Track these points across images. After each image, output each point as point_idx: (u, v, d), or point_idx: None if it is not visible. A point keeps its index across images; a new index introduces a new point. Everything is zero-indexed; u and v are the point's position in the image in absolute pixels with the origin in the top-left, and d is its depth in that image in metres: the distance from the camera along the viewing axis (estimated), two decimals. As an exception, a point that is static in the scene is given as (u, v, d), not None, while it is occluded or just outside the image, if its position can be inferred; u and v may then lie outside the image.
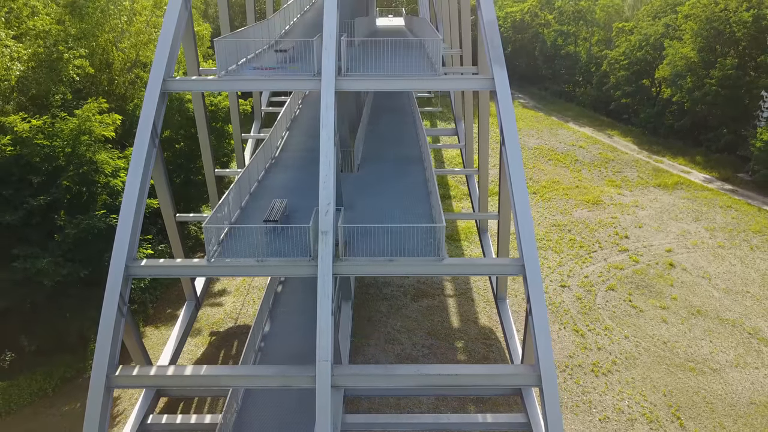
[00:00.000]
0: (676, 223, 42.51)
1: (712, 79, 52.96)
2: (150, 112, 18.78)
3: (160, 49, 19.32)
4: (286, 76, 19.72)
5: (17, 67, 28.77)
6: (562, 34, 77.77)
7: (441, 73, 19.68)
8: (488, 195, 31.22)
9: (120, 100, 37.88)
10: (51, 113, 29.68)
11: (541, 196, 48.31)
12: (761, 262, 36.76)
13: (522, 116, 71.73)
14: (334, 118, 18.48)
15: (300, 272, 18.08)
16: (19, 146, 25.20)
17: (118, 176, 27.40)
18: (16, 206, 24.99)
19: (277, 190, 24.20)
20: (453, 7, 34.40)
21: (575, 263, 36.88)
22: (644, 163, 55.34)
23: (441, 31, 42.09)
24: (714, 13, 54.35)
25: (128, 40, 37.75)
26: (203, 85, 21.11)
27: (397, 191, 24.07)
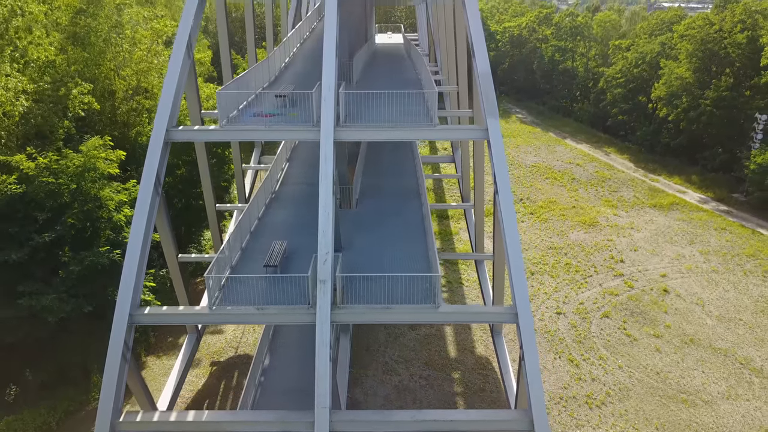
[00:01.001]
0: (671, 246, 43.05)
1: (707, 99, 53.58)
2: (154, 161, 19.32)
3: (164, 100, 19.89)
4: (286, 126, 20.24)
5: (22, 102, 29.34)
6: (560, 49, 78.43)
7: (436, 123, 20.25)
8: (484, 233, 31.68)
9: (123, 127, 38.44)
10: (56, 147, 30.30)
11: (538, 216, 48.86)
12: (754, 288, 37.28)
13: (520, 132, 72.40)
14: (333, 169, 19.05)
15: (298, 320, 18.62)
16: (24, 184, 25.76)
17: (122, 211, 27.95)
18: (22, 243, 25.52)
19: (277, 229, 24.73)
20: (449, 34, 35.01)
21: (571, 288, 37.39)
22: (640, 182, 55.91)
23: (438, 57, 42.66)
24: (709, 34, 54.99)
25: (130, 68, 38.29)
26: (205, 135, 21.67)
27: (395, 229, 24.58)
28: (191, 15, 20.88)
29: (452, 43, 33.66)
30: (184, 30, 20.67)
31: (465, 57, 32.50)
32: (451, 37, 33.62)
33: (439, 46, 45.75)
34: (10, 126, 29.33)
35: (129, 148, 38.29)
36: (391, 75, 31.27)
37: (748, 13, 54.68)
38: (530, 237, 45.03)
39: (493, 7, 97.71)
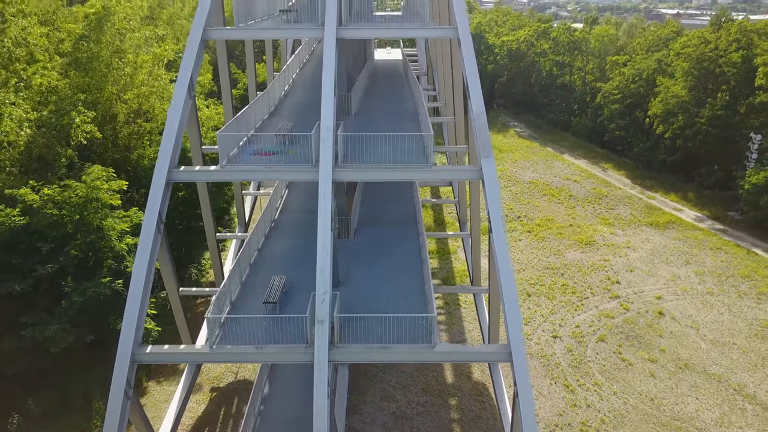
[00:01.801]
0: (667, 266, 43.47)
1: (703, 118, 54.11)
2: (156, 201, 19.79)
3: (165, 141, 20.41)
4: (285, 167, 20.70)
5: (26, 131, 29.82)
6: (558, 63, 79.05)
7: (433, 163, 20.73)
8: (480, 266, 32.12)
9: (124, 150, 38.91)
10: (58, 175, 30.77)
11: (535, 235, 49.29)
12: (748, 311, 37.69)
13: (518, 147, 72.93)
14: (331, 208, 19.50)
15: (297, 359, 19.02)
16: (28, 215, 26.20)
17: (124, 240, 28.38)
18: (25, 274, 25.94)
19: (276, 261, 25.16)
20: (447, 65, 35.57)
21: (567, 311, 37.78)
22: (637, 199, 56.37)
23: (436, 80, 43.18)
24: (704, 53, 55.56)
25: (131, 92, 38.76)
26: (206, 176, 22.13)
27: (392, 262, 25.01)
28: (192, 57, 21.35)
29: (449, 73, 34.20)
30: (186, 72, 21.14)
31: (462, 87, 33.01)
32: (449, 68, 34.16)
33: (437, 71, 46.28)
34: (15, 155, 29.81)
35: (131, 171, 38.89)
36: (390, 104, 31.74)
37: (743, 31, 55.30)
38: (527, 256, 45.44)
39: (491, 19, 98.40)
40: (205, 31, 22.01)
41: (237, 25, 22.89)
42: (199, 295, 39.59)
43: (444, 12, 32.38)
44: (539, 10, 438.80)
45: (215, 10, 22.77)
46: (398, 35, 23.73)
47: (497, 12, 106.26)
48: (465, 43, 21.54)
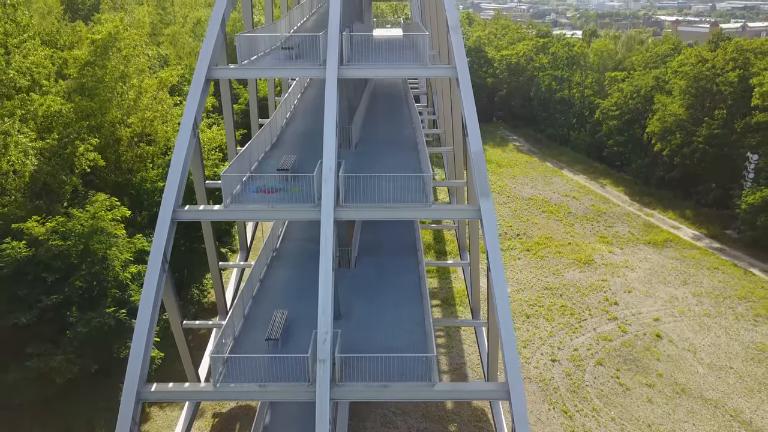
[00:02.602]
0: (665, 287, 43.85)
1: (700, 137, 54.59)
2: (161, 241, 20.22)
3: (171, 180, 20.80)
4: (287, 206, 21.13)
5: (31, 161, 30.28)
6: (556, 78, 79.62)
7: (432, 202, 21.16)
8: (480, 297, 32.48)
9: (127, 173, 39.37)
10: (63, 205, 31.21)
11: (534, 253, 49.69)
12: (745, 333, 38.05)
13: (517, 162, 73.41)
14: (333, 248, 19.91)
15: (299, 397, 19.41)
16: (34, 247, 26.61)
17: (128, 269, 28.78)
18: (31, 305, 26.34)
19: (278, 293, 25.56)
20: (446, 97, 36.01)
21: (566, 333, 38.14)
22: (635, 216, 56.80)
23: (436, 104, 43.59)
24: (701, 72, 56.07)
25: (135, 116, 39.23)
26: (210, 215, 22.54)
27: (393, 293, 25.38)
28: (197, 97, 21.82)
29: (449, 99, 34.66)
30: (190, 111, 21.60)
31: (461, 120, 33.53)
32: (448, 95, 34.62)
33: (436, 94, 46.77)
34: (20, 184, 30.25)
35: (133, 194, 39.33)
36: (390, 129, 32.18)
37: (739, 51, 55.81)
38: (526, 276, 45.82)
39: (490, 32, 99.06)
40: (209, 71, 22.50)
41: (241, 63, 23.34)
42: (200, 310, 39.99)
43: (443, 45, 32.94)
44: (538, 16, 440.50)
45: (219, 49, 23.19)
46: (398, 74, 24.12)
47: (497, 25, 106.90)
48: (464, 82, 22.00)
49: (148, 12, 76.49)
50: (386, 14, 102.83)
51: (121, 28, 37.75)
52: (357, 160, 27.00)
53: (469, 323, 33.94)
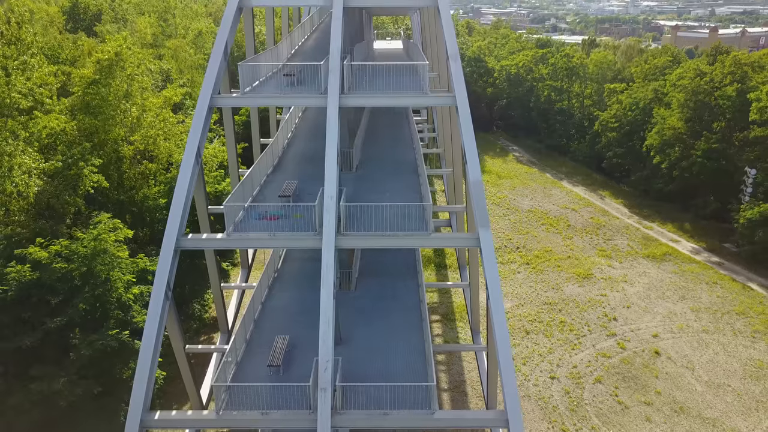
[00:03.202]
0: (663, 302, 44.10)
1: (698, 150, 54.92)
2: (165, 269, 20.49)
3: (174, 208, 21.05)
4: (289, 235, 21.39)
5: (35, 182, 30.61)
6: (556, 89, 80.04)
7: (432, 230, 21.47)
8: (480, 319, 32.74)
9: (129, 191, 39.67)
10: (67, 225, 31.51)
11: (533, 267, 49.95)
12: (743, 350, 38.28)
13: (517, 173, 73.75)
14: (334, 275, 20.19)
15: (301, 426, 19.64)
16: (38, 270, 26.90)
17: (131, 290, 29.05)
18: (35, 327, 26.63)
19: (279, 317, 25.80)
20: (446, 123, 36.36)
21: (565, 350, 38.38)
22: (634, 229, 57.09)
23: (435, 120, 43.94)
24: (699, 86, 56.45)
25: (138, 134, 39.57)
26: (213, 244, 22.84)
27: (393, 317, 25.60)
28: (200, 126, 22.11)
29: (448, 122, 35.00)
30: (194, 140, 21.90)
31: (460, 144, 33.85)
32: (448, 122, 34.97)
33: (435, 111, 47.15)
34: (24, 205, 30.57)
35: (135, 211, 39.65)
36: (392, 152, 32.47)
37: (737, 64, 56.21)
38: (526, 291, 46.09)
39: (490, 42, 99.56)
40: (212, 99, 22.79)
41: (243, 90, 23.67)
42: (202, 326, 40.27)
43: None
44: (538, 21, 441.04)
45: (222, 77, 23.51)
46: (399, 103, 24.44)
47: (496, 34, 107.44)
48: (463, 110, 22.32)
49: (149, 23, 77.13)
50: (386, 25, 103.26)
51: (125, 46, 38.09)
52: (358, 184, 27.31)
53: (469, 348, 34.28)
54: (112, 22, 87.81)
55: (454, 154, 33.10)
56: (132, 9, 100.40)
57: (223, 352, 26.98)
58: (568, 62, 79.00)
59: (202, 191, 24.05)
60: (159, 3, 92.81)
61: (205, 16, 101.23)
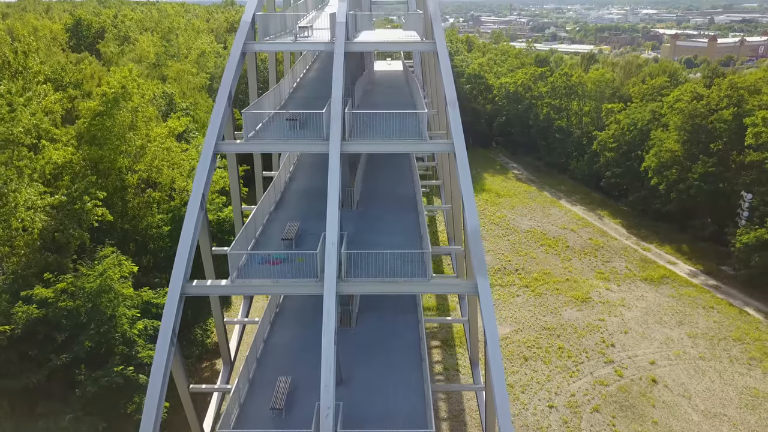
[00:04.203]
0: (660, 327, 44.55)
1: (695, 173, 55.49)
2: (171, 315, 20.97)
3: (179, 256, 21.56)
4: (291, 281, 21.92)
5: (40, 218, 31.16)
6: (555, 108, 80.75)
7: (431, 277, 22.02)
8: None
9: (133, 220, 40.20)
10: (72, 259, 32.04)
11: (532, 290, 50.42)
12: (739, 378, 38.70)
13: (516, 191, 74.32)
14: (335, 322, 20.70)
15: (302, 469, 20.16)
16: (44, 308, 27.41)
17: (136, 325, 29.53)
18: (41, 364, 27.11)
19: (281, 356, 26.28)
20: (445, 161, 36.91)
21: (563, 377, 38.80)
22: (632, 251, 57.59)
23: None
24: (696, 109, 57.06)
25: (143, 163, 40.13)
26: (217, 290, 23.41)
27: (393, 354, 26.08)
28: (205, 171, 22.67)
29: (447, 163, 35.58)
30: (199, 186, 22.46)
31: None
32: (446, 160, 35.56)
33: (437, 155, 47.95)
34: (29, 241, 31.11)
35: (140, 240, 40.15)
36: (392, 188, 33.03)
37: (733, 88, 56.84)
38: (525, 315, 46.54)
39: (490, 59, 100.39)
40: (216, 146, 23.39)
41: (246, 136, 24.26)
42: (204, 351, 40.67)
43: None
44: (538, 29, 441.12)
45: (226, 123, 24.10)
46: (399, 149, 25.02)
47: (496, 51, 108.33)
48: (460, 157, 22.91)
49: (152, 41, 77.94)
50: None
51: (130, 78, 38.74)
52: (359, 223, 27.86)
53: (468, 388, 34.90)
54: (115, 40, 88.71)
55: (453, 190, 33.69)
56: (134, 26, 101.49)
57: (226, 391, 27.43)
58: (566, 81, 79.71)
59: (207, 236, 24.59)
60: (163, 21, 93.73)
61: (207, 33, 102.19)
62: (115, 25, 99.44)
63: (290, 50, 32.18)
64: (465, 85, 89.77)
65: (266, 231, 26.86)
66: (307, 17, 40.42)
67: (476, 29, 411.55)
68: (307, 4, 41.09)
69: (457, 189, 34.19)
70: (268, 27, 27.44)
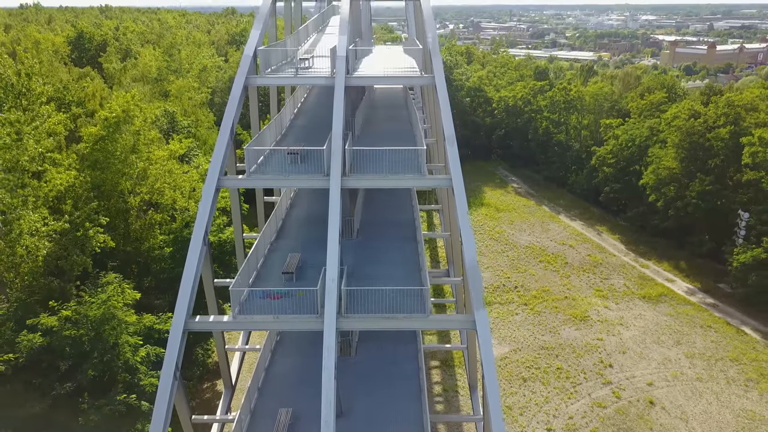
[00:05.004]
0: (658, 347, 44.87)
1: (693, 192, 55.89)
2: (173, 352, 21.34)
3: (183, 292, 21.93)
4: (292, 317, 22.29)
5: (44, 244, 31.57)
6: (553, 122, 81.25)
7: (430, 313, 22.39)
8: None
9: (135, 242, 40.62)
10: (75, 285, 32.42)
11: (531, 308, 50.76)
12: (736, 400, 39.00)
13: (515, 206, 74.72)
14: (334, 358, 21.06)
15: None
16: (48, 336, 27.79)
17: (138, 353, 29.89)
18: (44, 392, 27.46)
19: (283, 387, 26.60)
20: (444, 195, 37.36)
21: (561, 399, 39.10)
22: (631, 267, 57.94)
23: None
24: (694, 127, 57.51)
25: (144, 186, 40.56)
26: (220, 326, 23.80)
27: (392, 386, 26.39)
28: (207, 207, 23.07)
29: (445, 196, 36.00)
30: (201, 221, 22.86)
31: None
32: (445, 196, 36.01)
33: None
34: (34, 267, 31.50)
35: (141, 262, 40.55)
36: (392, 215, 33.40)
37: (730, 105, 57.29)
38: (524, 334, 46.85)
39: (489, 71, 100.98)
40: (219, 181, 23.80)
41: (249, 170, 24.66)
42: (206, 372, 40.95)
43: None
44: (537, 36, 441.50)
45: (228, 158, 24.50)
46: (398, 185, 25.33)
47: (495, 63, 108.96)
48: (459, 194, 23.34)
49: (154, 56, 78.48)
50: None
51: (132, 104, 39.20)
52: (359, 254, 28.21)
53: (467, 419, 35.21)
54: (117, 54, 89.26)
55: (451, 219, 34.11)
56: (135, 38, 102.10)
57: (227, 421, 27.75)
58: (565, 95, 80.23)
59: (210, 270, 24.97)
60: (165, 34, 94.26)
61: (208, 45, 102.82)
62: (116, 38, 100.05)
63: (291, 84, 32.60)
64: (465, 98, 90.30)
65: (267, 262, 27.24)
66: (309, 41, 41.03)
67: (476, 35, 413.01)
68: (308, 27, 41.68)
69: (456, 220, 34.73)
70: (270, 60, 27.93)
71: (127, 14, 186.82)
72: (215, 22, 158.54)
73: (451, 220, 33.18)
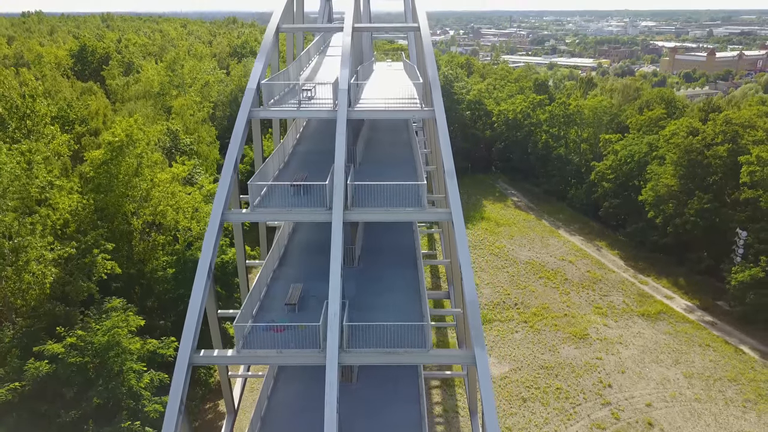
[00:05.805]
0: (657, 366, 45.20)
1: (691, 209, 56.31)
2: (179, 385, 21.71)
3: (187, 328, 22.35)
4: (294, 352, 22.72)
5: (51, 271, 32.00)
6: (553, 136, 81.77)
7: (430, 347, 22.81)
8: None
9: (138, 263, 41.05)
10: (80, 310, 32.83)
11: (531, 326, 51.10)
12: (734, 421, 39.31)
13: (515, 220, 75.15)
14: (336, 392, 21.45)
15: None
16: (54, 364, 28.17)
17: (143, 379, 30.25)
18: (50, 420, 27.83)
19: (285, 415, 26.97)
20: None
21: (560, 420, 39.42)
22: (630, 284, 58.31)
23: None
24: (692, 144, 57.99)
25: (147, 208, 41.01)
26: (224, 360, 24.15)
27: (393, 414, 26.76)
28: (212, 241, 23.50)
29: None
30: (206, 256, 23.29)
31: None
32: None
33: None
34: (41, 294, 31.92)
35: (145, 284, 40.96)
36: (392, 242, 33.82)
37: (728, 123, 57.78)
38: (523, 353, 47.18)
39: (489, 84, 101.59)
40: (223, 215, 24.25)
41: (252, 204, 25.09)
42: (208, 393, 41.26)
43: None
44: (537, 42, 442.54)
45: (232, 193, 24.96)
46: (399, 218, 25.80)
47: (495, 75, 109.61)
48: (458, 227, 23.78)
49: (156, 71, 79.08)
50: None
51: (135, 128, 39.69)
52: (360, 284, 28.64)
53: None
54: (119, 67, 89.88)
55: (451, 247, 34.52)
56: (137, 51, 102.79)
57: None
58: (564, 110, 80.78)
59: (213, 303, 25.39)
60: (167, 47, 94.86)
61: (210, 58, 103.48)
62: (119, 50, 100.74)
63: (294, 117, 33.09)
64: (465, 111, 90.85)
65: (270, 292, 27.66)
66: (311, 64, 41.57)
67: (476, 41, 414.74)
68: (310, 52, 42.23)
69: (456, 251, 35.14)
70: (273, 91, 28.42)
71: (129, 23, 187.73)
72: (216, 32, 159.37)
73: (452, 248, 33.58)
